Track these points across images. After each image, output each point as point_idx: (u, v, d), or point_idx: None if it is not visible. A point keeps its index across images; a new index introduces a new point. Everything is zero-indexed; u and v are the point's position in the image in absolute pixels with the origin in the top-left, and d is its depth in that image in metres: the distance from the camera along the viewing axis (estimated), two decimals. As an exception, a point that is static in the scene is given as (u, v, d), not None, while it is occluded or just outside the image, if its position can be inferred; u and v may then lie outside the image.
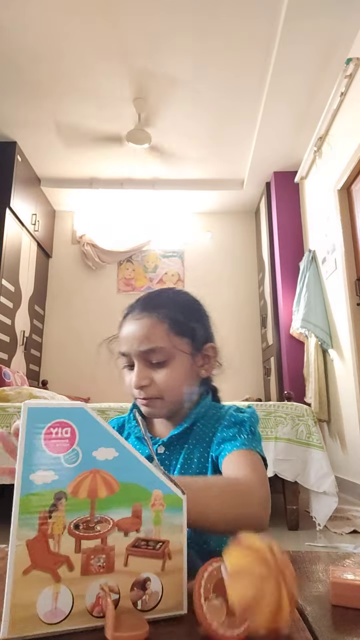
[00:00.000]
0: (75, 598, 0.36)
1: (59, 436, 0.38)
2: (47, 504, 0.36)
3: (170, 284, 4.97)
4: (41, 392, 2.90)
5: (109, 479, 0.38)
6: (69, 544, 0.36)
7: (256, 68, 3.05)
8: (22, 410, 0.37)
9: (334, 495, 2.10)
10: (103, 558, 0.37)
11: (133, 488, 0.39)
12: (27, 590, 0.35)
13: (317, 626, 0.37)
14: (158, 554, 0.39)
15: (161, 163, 4.26)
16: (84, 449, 0.38)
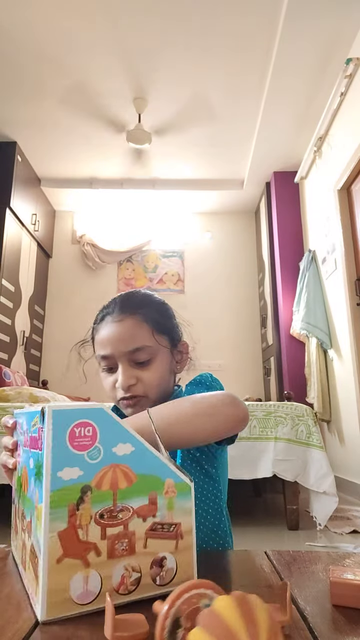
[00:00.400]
0: (103, 579, 0.40)
1: (82, 435, 0.41)
2: (75, 497, 0.40)
3: (171, 284, 4.98)
4: (41, 392, 2.90)
5: (127, 471, 0.43)
6: (95, 532, 0.40)
7: (256, 68, 3.05)
8: (47, 414, 0.40)
9: (334, 495, 2.10)
10: (126, 542, 0.42)
11: (149, 479, 0.44)
12: (61, 577, 0.38)
13: (317, 626, 0.37)
14: (172, 535, 0.44)
15: (161, 163, 4.26)
16: (104, 445, 0.42)
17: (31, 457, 0.45)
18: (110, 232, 5.01)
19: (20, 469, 0.51)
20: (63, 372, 0.91)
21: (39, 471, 0.41)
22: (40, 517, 0.39)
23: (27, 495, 0.45)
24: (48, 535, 0.38)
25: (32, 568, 0.41)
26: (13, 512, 0.55)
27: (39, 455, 0.41)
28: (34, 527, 0.41)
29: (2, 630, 0.36)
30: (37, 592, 0.38)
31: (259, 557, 0.56)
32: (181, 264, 5.05)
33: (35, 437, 0.43)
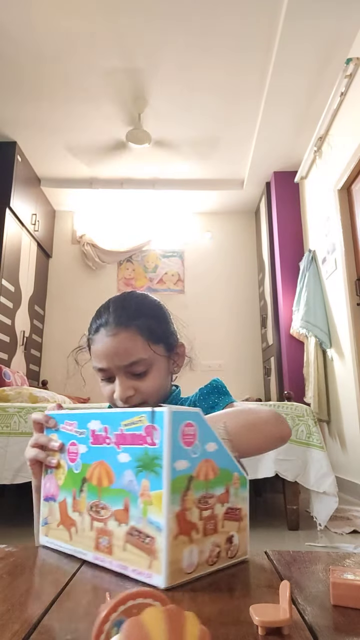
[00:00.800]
0: (199, 553, 0.48)
1: (188, 434, 0.49)
2: (184, 485, 0.48)
3: (171, 284, 4.98)
4: (41, 392, 2.90)
5: (214, 466, 0.52)
6: (195, 514, 0.49)
7: (256, 68, 3.05)
8: (166, 414, 0.47)
9: (334, 495, 2.10)
10: (212, 523, 0.51)
11: (225, 472, 0.53)
12: (176, 550, 0.46)
13: (317, 626, 0.37)
14: (238, 518, 0.54)
15: (161, 163, 4.26)
16: (201, 443, 0.50)
17: (123, 452, 0.51)
18: (110, 232, 5.01)
19: (77, 465, 0.56)
20: (64, 377, 0.91)
21: (150, 463, 0.48)
22: (154, 502, 0.47)
23: (115, 487, 0.51)
24: (168, 516, 0.46)
25: (136, 547, 0.48)
26: (49, 508, 0.60)
27: (143, 449, 0.49)
28: (139, 511, 0.48)
29: (2, 630, 0.36)
30: (153, 565, 0.46)
31: (259, 557, 0.56)
32: (181, 264, 5.05)
33: (136, 434, 0.50)
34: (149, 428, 0.49)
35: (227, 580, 0.48)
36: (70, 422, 0.59)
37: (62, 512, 0.57)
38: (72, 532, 0.55)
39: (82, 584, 0.47)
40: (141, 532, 0.47)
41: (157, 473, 0.47)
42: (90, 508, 0.54)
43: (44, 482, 0.61)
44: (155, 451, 0.48)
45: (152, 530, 0.46)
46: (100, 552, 0.51)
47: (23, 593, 0.44)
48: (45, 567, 0.52)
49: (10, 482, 2.10)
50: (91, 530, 0.53)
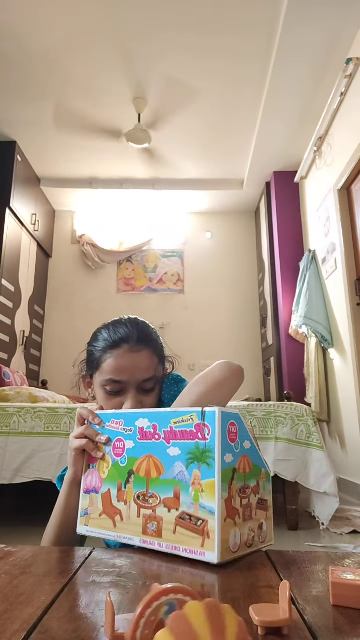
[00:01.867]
0: (241, 535, 0.55)
1: (232, 432, 0.56)
2: (230, 476, 0.54)
3: (170, 284, 4.97)
4: (41, 392, 2.90)
5: (249, 461, 0.59)
6: (238, 501, 0.55)
7: (256, 67, 3.05)
8: (217, 413, 0.55)
9: (335, 495, 2.10)
10: (249, 510, 0.57)
11: (256, 467, 0.60)
12: (225, 532, 0.52)
13: (317, 626, 0.37)
14: (266, 508, 0.61)
15: (161, 163, 4.26)
16: (241, 440, 0.57)
17: (173, 446, 0.57)
18: (110, 232, 5.01)
19: (123, 459, 0.62)
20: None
21: (202, 455, 0.54)
22: (206, 490, 0.53)
23: (164, 477, 0.57)
24: (219, 501, 0.52)
25: (187, 529, 0.54)
26: (90, 499, 0.64)
27: (194, 444, 0.55)
28: (190, 498, 0.54)
29: (2, 630, 0.36)
30: (206, 544, 0.52)
31: (259, 557, 0.56)
32: (181, 264, 5.05)
33: (186, 431, 0.57)
34: (199, 425, 0.56)
35: (227, 580, 0.48)
36: (117, 420, 0.65)
37: (105, 502, 0.62)
38: (117, 520, 0.60)
39: (82, 584, 0.47)
40: (192, 516, 0.54)
41: (209, 464, 0.54)
42: (137, 497, 0.59)
43: (85, 476, 0.66)
44: (206, 445, 0.54)
45: (204, 514, 0.53)
46: (148, 537, 0.56)
47: (22, 593, 0.44)
48: (45, 567, 0.52)
49: (10, 482, 2.10)
50: (138, 517, 0.58)
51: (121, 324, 0.83)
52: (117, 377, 0.78)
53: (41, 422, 2.19)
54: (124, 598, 0.43)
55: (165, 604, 0.33)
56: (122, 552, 0.62)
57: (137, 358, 0.79)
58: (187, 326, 4.72)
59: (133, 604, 0.42)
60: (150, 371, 0.80)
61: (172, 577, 0.49)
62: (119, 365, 0.78)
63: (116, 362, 0.78)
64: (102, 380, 0.79)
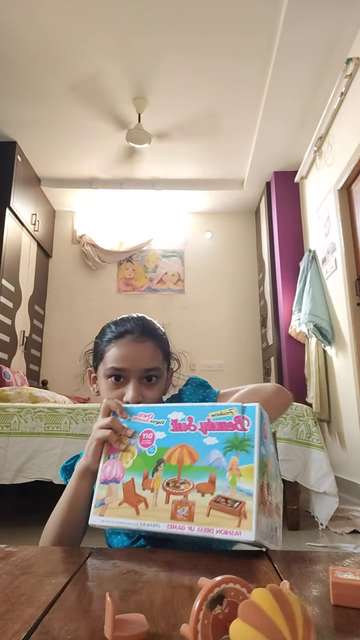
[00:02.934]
0: (267, 526, 0.57)
1: (265, 429, 0.60)
2: (264, 467, 0.58)
3: (171, 284, 4.97)
4: (41, 392, 2.90)
5: (272, 463, 0.62)
6: (265, 493, 0.58)
7: (256, 67, 3.05)
8: (257, 408, 0.59)
9: (334, 495, 2.10)
10: (270, 508, 0.60)
11: (275, 472, 0.64)
12: (260, 513, 0.54)
13: (317, 626, 0.37)
14: (279, 514, 0.64)
15: (161, 163, 4.26)
16: (268, 436, 0.62)
17: (210, 436, 0.60)
18: (110, 232, 5.01)
19: (152, 449, 0.63)
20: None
21: (241, 444, 0.58)
22: (244, 474, 0.56)
23: (199, 464, 0.59)
24: (257, 485, 0.55)
25: (222, 511, 0.55)
26: (108, 489, 0.64)
27: (232, 434, 0.59)
28: (227, 482, 0.56)
29: (2, 630, 0.36)
30: (243, 524, 0.53)
31: (259, 557, 0.56)
32: (181, 264, 5.05)
33: (225, 422, 0.60)
34: (238, 418, 0.59)
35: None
36: (146, 413, 0.67)
37: (127, 491, 0.62)
38: (141, 507, 0.60)
39: (82, 584, 0.47)
40: (229, 499, 0.55)
41: (247, 452, 0.57)
42: (166, 484, 0.60)
43: (104, 466, 0.65)
44: (246, 435, 0.58)
45: (241, 496, 0.55)
46: (177, 521, 0.57)
47: (23, 593, 0.44)
48: (45, 567, 0.52)
49: (11, 482, 2.10)
50: (166, 503, 0.58)
51: (128, 319, 0.85)
52: (118, 365, 0.79)
53: (41, 422, 2.19)
54: (124, 598, 0.43)
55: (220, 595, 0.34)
56: (122, 552, 0.62)
57: (140, 347, 0.80)
58: (187, 326, 4.72)
59: (133, 604, 0.42)
60: (154, 362, 0.81)
61: (172, 577, 0.50)
62: (121, 353, 0.80)
63: (119, 350, 0.80)
64: (105, 370, 0.81)
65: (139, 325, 0.83)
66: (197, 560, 0.55)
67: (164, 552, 0.59)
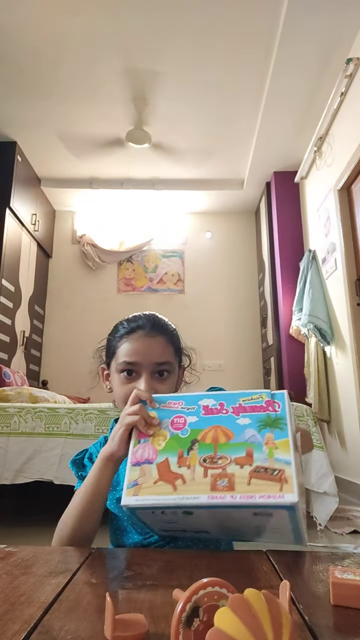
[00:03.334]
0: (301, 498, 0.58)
1: (291, 416, 0.63)
2: (295, 447, 0.60)
3: (171, 284, 4.97)
4: (41, 392, 2.90)
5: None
6: (298, 466, 0.59)
7: (256, 68, 3.05)
8: (285, 394, 0.64)
9: (334, 495, 2.10)
10: None
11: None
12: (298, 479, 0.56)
13: (317, 626, 0.37)
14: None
15: (161, 163, 4.26)
16: (293, 425, 0.63)
17: (243, 417, 0.63)
18: (110, 232, 5.01)
19: (185, 431, 0.64)
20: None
21: (274, 422, 0.61)
22: (280, 447, 0.58)
23: (234, 441, 0.61)
24: (293, 457, 0.57)
25: (263, 479, 0.56)
26: (141, 470, 0.63)
27: (265, 414, 0.62)
28: (264, 455, 0.58)
29: (2, 630, 0.36)
30: (285, 488, 0.54)
31: (259, 557, 0.56)
32: (181, 264, 5.05)
33: (256, 405, 0.64)
34: (269, 402, 0.63)
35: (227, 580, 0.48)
36: (175, 401, 0.69)
37: (162, 470, 0.62)
38: (178, 484, 0.59)
39: (82, 584, 0.47)
40: (268, 468, 0.57)
41: (281, 429, 0.60)
42: (203, 460, 0.60)
43: (135, 449, 0.65)
44: (278, 415, 0.62)
45: (280, 465, 0.57)
46: (217, 492, 0.56)
47: (23, 593, 0.44)
48: (45, 567, 0.52)
49: (11, 482, 2.10)
50: (205, 477, 0.59)
51: (139, 316, 0.87)
52: (130, 359, 0.80)
53: (42, 423, 2.19)
54: (124, 598, 0.43)
55: (226, 600, 0.34)
56: (122, 552, 0.62)
57: (152, 342, 0.82)
58: (187, 326, 4.68)
59: (133, 604, 0.42)
60: (165, 356, 0.82)
61: (172, 578, 0.49)
62: (133, 348, 0.81)
63: (130, 345, 0.81)
64: (118, 365, 0.82)
65: (150, 321, 0.85)
66: (197, 560, 0.55)
67: (164, 552, 0.59)
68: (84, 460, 0.86)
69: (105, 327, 0.96)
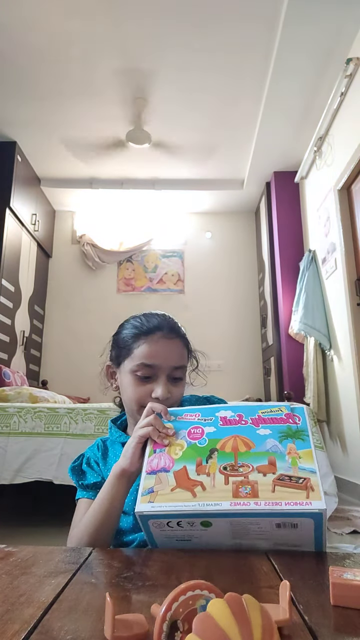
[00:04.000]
0: None
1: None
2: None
3: (171, 284, 4.97)
4: (41, 392, 2.90)
5: None
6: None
7: (256, 68, 3.05)
8: (306, 409, 0.65)
9: (334, 495, 2.09)
10: None
11: None
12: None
13: (317, 626, 0.37)
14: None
15: (161, 163, 4.26)
16: None
17: (263, 428, 0.63)
18: (110, 232, 5.01)
19: (202, 441, 0.63)
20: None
21: (295, 434, 0.61)
22: (304, 457, 0.58)
23: (255, 451, 0.60)
24: (316, 463, 0.57)
25: (288, 487, 0.55)
26: (157, 478, 0.61)
27: (286, 426, 0.62)
28: (288, 464, 0.58)
29: (2, 630, 0.36)
30: (311, 495, 0.54)
31: (259, 557, 0.56)
32: (181, 264, 5.05)
33: (276, 417, 0.64)
34: (289, 414, 0.64)
35: (227, 580, 0.48)
36: (192, 414, 0.68)
37: (180, 478, 0.60)
38: (197, 491, 0.57)
39: (82, 584, 0.47)
40: (292, 476, 0.56)
41: (303, 440, 0.60)
42: (224, 468, 0.59)
43: (150, 459, 0.64)
44: (299, 427, 0.62)
45: (305, 474, 0.56)
46: (240, 499, 0.55)
47: (23, 593, 0.44)
48: (45, 568, 0.52)
49: (10, 482, 2.10)
50: (226, 484, 0.57)
51: (152, 315, 0.86)
52: (149, 362, 0.79)
53: (41, 422, 2.19)
54: (124, 598, 0.43)
55: (204, 598, 0.34)
56: (122, 552, 0.62)
57: (171, 345, 0.81)
58: (187, 326, 4.66)
59: (133, 604, 0.42)
60: (182, 360, 0.83)
61: (172, 578, 0.49)
62: (153, 350, 0.80)
63: (150, 347, 0.80)
64: (134, 366, 0.80)
65: (168, 322, 0.84)
66: (197, 560, 0.55)
67: (163, 552, 0.59)
68: (83, 466, 0.84)
69: (105, 327, 0.96)
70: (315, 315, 3.45)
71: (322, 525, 0.54)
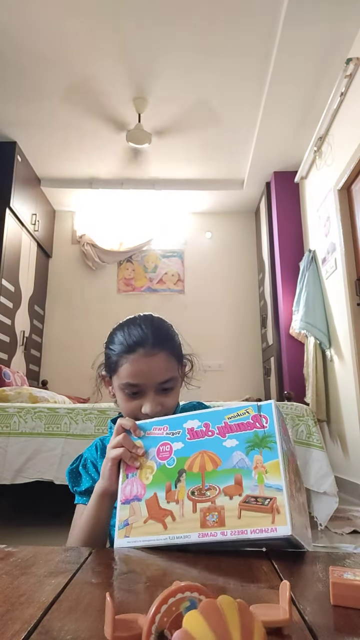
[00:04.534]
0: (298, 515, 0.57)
1: (283, 426, 0.62)
2: (286, 462, 0.58)
3: (171, 284, 4.97)
4: (41, 392, 2.90)
5: (294, 460, 0.64)
6: (292, 489, 0.58)
7: (256, 68, 3.05)
8: (273, 405, 0.61)
9: (334, 495, 2.10)
10: (298, 504, 0.60)
11: (298, 471, 0.65)
12: (290, 507, 0.54)
13: (317, 626, 0.37)
14: (306, 515, 0.64)
15: (161, 163, 4.26)
16: (287, 432, 0.63)
17: (229, 438, 0.60)
18: (110, 232, 5.01)
19: (171, 461, 0.62)
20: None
21: (262, 441, 0.58)
22: (270, 470, 0.56)
23: (222, 468, 0.58)
24: (285, 478, 0.55)
25: (254, 511, 0.54)
26: (131, 508, 0.61)
27: (252, 433, 0.59)
28: (254, 481, 0.56)
29: (2, 630, 0.36)
30: (277, 519, 0.52)
31: (259, 557, 0.56)
32: (181, 264, 5.05)
33: (242, 423, 0.60)
34: (256, 417, 0.60)
35: (227, 580, 0.48)
36: (160, 427, 0.66)
37: (151, 507, 0.60)
38: (168, 521, 0.58)
39: (82, 584, 0.47)
40: (258, 497, 0.55)
41: (270, 448, 0.57)
42: (191, 493, 0.58)
43: (123, 486, 0.64)
44: (266, 432, 0.59)
45: (271, 492, 0.54)
46: (208, 529, 0.55)
47: (23, 593, 0.44)
48: (45, 567, 0.52)
49: (10, 482, 2.10)
50: (194, 512, 0.57)
51: (135, 324, 0.81)
52: (133, 381, 0.78)
53: (41, 423, 2.19)
54: (124, 598, 0.43)
55: (188, 600, 0.34)
56: (122, 552, 0.62)
57: (153, 361, 0.78)
58: (187, 326, 4.68)
59: (133, 604, 0.42)
60: (168, 373, 0.79)
61: (172, 578, 0.49)
62: (135, 370, 0.78)
63: (132, 367, 0.78)
64: (120, 384, 0.80)
65: (149, 335, 0.79)
66: (197, 560, 0.55)
67: (163, 552, 0.59)
68: (79, 468, 0.85)
69: (105, 327, 0.94)
70: (315, 314, 3.45)
71: (294, 541, 0.54)
